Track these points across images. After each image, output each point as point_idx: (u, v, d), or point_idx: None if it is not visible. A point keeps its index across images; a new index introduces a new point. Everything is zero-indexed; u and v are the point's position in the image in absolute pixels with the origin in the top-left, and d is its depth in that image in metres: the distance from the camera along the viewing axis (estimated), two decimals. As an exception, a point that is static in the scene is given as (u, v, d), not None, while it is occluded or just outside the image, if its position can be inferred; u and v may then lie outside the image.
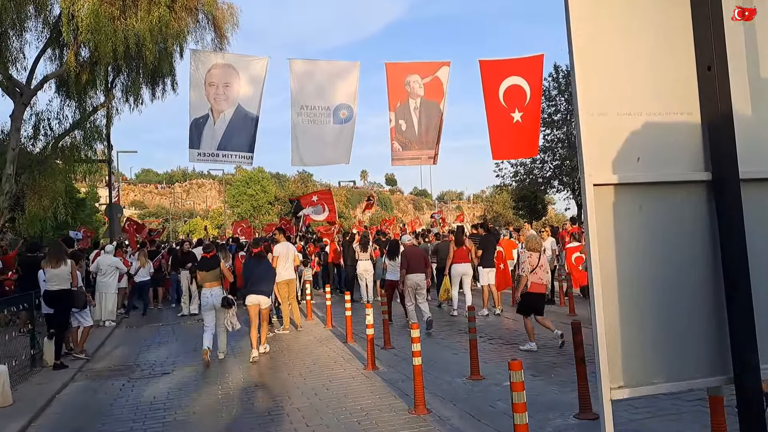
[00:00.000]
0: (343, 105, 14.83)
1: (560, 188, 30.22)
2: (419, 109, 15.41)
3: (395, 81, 15.24)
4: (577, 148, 2.78)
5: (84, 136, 17.44)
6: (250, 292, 9.04)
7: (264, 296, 9.16)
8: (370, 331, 7.55)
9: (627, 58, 2.87)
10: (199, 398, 6.72)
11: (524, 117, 15.39)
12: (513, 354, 8.12)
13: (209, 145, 14.28)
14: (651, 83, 2.89)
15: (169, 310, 15.61)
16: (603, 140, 2.76)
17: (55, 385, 7.59)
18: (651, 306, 2.73)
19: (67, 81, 16.46)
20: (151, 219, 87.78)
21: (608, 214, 2.77)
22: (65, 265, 8.65)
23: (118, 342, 11.11)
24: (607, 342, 2.67)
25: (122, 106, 18.37)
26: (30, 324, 9.00)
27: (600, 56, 2.82)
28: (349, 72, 15.04)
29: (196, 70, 14.12)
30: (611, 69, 2.84)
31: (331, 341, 9.91)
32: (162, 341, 10.93)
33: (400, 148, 15.26)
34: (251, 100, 14.35)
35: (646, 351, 2.74)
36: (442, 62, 15.59)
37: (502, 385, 6.36)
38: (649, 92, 2.88)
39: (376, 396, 6.26)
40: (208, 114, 14.24)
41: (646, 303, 2.73)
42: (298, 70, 14.70)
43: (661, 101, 2.81)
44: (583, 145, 2.74)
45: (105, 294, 12.70)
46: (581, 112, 2.76)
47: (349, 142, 14.94)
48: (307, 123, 14.64)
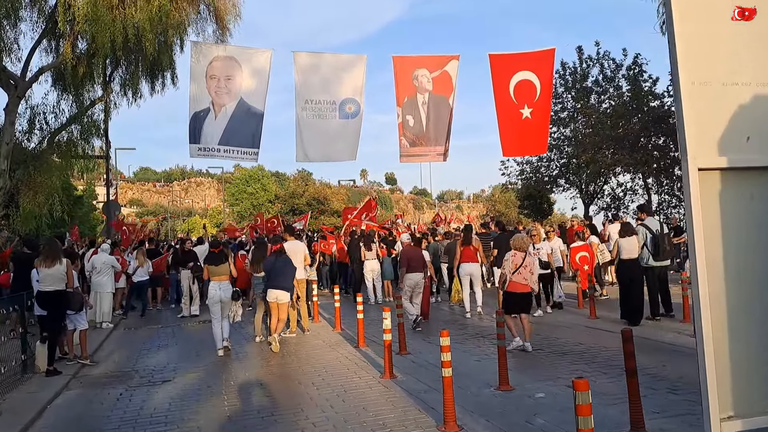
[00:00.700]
0: (349, 99, 14.34)
1: (566, 187, 29.66)
2: (427, 104, 14.92)
3: (403, 75, 14.73)
4: (677, 126, 2.24)
5: (81, 131, 16.87)
6: (270, 287, 9.33)
7: (283, 291, 9.32)
8: (387, 336, 7.01)
9: (734, 14, 2.34)
10: (204, 410, 6.17)
11: (534, 113, 14.93)
12: (539, 360, 7.59)
13: (210, 139, 13.79)
14: (763, 46, 2.35)
15: (169, 311, 15.06)
16: (706, 115, 2.22)
17: (47, 394, 7.04)
18: (766, 314, 2.20)
19: (64, 73, 15.91)
20: (149, 217, 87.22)
21: (714, 204, 2.22)
22: (60, 264, 8.09)
23: (115, 345, 10.56)
24: (715, 360, 2.12)
25: (120, 100, 17.85)
26: (21, 327, 8.43)
27: (702, 12, 2.27)
28: (355, 65, 14.54)
29: (197, 63, 13.63)
30: (714, 29, 2.29)
31: (341, 345, 9.36)
32: (161, 344, 10.38)
33: (408, 144, 14.75)
34: (255, 94, 13.85)
35: (760, 370, 2.20)
36: (451, 56, 15.09)
37: (535, 397, 5.83)
38: (760, 57, 2.34)
39: (399, 409, 5.71)
40: (209, 108, 13.76)
41: (761, 310, 2.19)
42: (303, 63, 14.18)
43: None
44: (685, 120, 2.19)
45: (101, 294, 12.14)
46: (682, 81, 2.21)
47: (356, 137, 14.44)
48: (312, 117, 14.14)
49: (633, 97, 23.57)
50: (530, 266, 8.15)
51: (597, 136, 23.47)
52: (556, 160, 29.06)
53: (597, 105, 26.18)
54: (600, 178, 27.07)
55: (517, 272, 8.04)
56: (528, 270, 8.10)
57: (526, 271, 8.09)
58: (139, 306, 14.57)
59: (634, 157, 22.07)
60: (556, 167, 29.08)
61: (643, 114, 22.71)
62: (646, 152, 22.36)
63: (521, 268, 8.05)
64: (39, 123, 16.36)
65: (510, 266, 8.11)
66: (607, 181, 27.86)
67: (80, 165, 17.25)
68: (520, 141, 15.13)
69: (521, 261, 8.10)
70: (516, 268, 8.04)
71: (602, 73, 26.75)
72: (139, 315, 14.23)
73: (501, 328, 6.29)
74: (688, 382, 6.06)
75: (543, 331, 9.72)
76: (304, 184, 61.69)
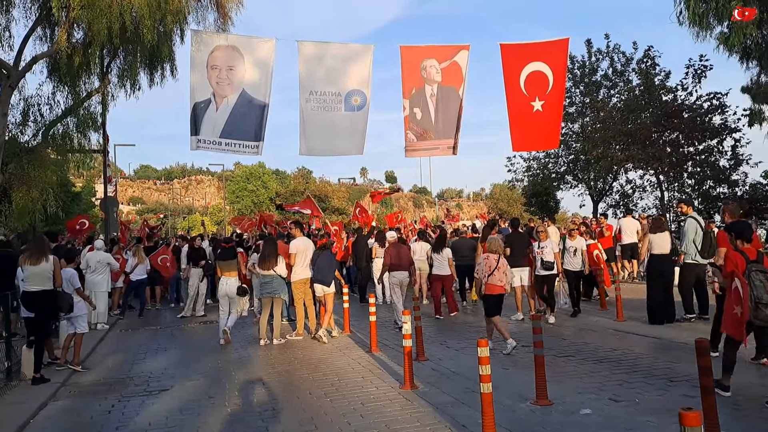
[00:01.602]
0: (355, 91, 13.78)
1: (574, 184, 28.97)
2: (436, 96, 14.34)
3: (410, 66, 14.13)
4: None
5: (77, 124, 16.18)
6: (316, 282, 9.76)
7: (323, 285, 9.71)
8: (407, 342, 6.35)
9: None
10: (205, 425, 5.50)
11: (545, 106, 14.37)
12: (573, 369, 6.90)
13: (210, 132, 13.24)
14: None
15: (168, 311, 14.41)
16: None
17: (31, 405, 6.36)
18: None
19: (59, 63, 15.21)
20: (150, 215, 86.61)
21: None
22: (46, 262, 7.42)
23: (109, 349, 9.90)
24: None
25: (118, 91, 17.17)
26: (6, 330, 7.76)
27: None
28: (361, 56, 13.94)
29: (197, 52, 13.07)
30: None
31: (352, 350, 8.67)
32: (160, 348, 9.71)
33: (415, 138, 14.15)
34: (258, 85, 13.28)
35: None
36: (461, 45, 14.47)
37: (580, 414, 5.15)
38: None
39: (426, 427, 5.03)
40: (210, 99, 13.21)
41: None
42: (308, 53, 13.58)
43: None
44: None
45: (95, 293, 11.45)
46: None
47: (362, 131, 13.86)
48: (317, 110, 13.56)
49: (645, 90, 22.85)
50: (503, 267, 8.19)
51: (608, 131, 22.74)
52: (564, 156, 28.39)
53: (607, 99, 25.48)
54: (610, 174, 26.36)
55: (492, 275, 8.07)
56: (502, 271, 8.14)
57: (500, 272, 8.12)
58: (138, 306, 13.91)
59: (647, 153, 21.36)
60: (564, 164, 28.41)
61: (655, 108, 22.00)
62: (659, 148, 21.65)
63: (495, 271, 8.09)
64: (33, 115, 15.71)
65: (484, 270, 8.15)
66: (617, 177, 27.19)
67: (76, 159, 16.53)
68: (530, 135, 14.58)
69: (495, 263, 8.12)
70: (491, 271, 8.08)
71: (612, 67, 26.08)
72: (137, 315, 13.58)
73: (538, 335, 5.60)
74: (749, 397, 5.40)
75: (568, 336, 9.07)
76: (305, 182, 61.03)
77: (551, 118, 14.43)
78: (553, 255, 10.36)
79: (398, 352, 8.03)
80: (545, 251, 10.34)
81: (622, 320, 9.75)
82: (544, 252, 10.32)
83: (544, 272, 10.24)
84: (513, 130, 14.54)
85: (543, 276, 10.27)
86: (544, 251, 10.33)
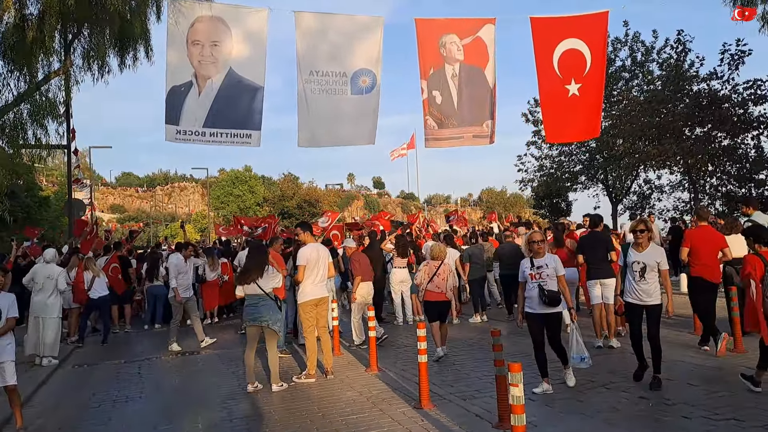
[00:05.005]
0: (363, 71, 11.83)
1: (589, 184, 26.81)
2: (458, 76, 12.26)
3: (427, 42, 12.06)
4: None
5: (31, 111, 13.61)
6: None
7: None
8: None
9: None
10: None
11: (582, 89, 12.42)
12: (636, 408, 4.54)
13: (192, 121, 11.06)
14: None
15: (141, 335, 11.88)
16: None
17: None
18: None
19: (7, 40, 12.76)
20: (132, 223, 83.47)
21: None
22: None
23: (53, 398, 7.33)
24: None
25: (84, 75, 14.91)
26: None
27: None
28: (370, 30, 11.85)
29: (175, 25, 10.91)
30: None
31: (391, 403, 6.09)
32: (119, 395, 7.15)
33: (436, 125, 12.08)
34: (248, 63, 11.19)
35: None
36: (486, 19, 12.40)
37: None
38: None
39: None
40: (191, 81, 11.07)
41: None
42: (307, 26, 11.44)
43: None
44: None
45: (43, 319, 8.91)
46: None
47: (373, 116, 11.81)
48: (318, 92, 11.43)
49: (675, 78, 20.60)
50: (443, 274, 8.00)
51: (635, 124, 20.53)
52: (578, 154, 26.24)
53: (627, 92, 23.34)
54: (634, 171, 24.18)
55: (431, 281, 7.94)
56: (441, 278, 7.96)
57: (439, 279, 7.95)
58: (102, 329, 11.35)
59: (682, 147, 19.20)
60: (579, 162, 26.24)
61: (690, 99, 19.86)
62: (696, 140, 19.53)
63: (434, 277, 7.94)
64: (-25, 100, 13.15)
65: (423, 276, 8.08)
66: (637, 177, 25.09)
67: (30, 153, 13.97)
68: (566, 123, 12.65)
69: (434, 270, 7.98)
70: (429, 278, 7.95)
71: (631, 57, 24.00)
72: (100, 342, 11.00)
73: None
74: None
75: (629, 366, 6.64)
76: (295, 186, 58.66)
77: (590, 104, 12.45)
78: (559, 280, 6.20)
79: (458, 405, 5.63)
80: (544, 272, 6.16)
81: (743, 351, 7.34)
82: (543, 274, 6.15)
83: (546, 310, 6.08)
84: (545, 118, 12.84)
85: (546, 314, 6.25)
86: (543, 272, 6.17)
